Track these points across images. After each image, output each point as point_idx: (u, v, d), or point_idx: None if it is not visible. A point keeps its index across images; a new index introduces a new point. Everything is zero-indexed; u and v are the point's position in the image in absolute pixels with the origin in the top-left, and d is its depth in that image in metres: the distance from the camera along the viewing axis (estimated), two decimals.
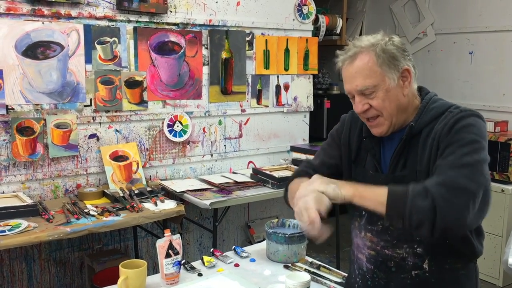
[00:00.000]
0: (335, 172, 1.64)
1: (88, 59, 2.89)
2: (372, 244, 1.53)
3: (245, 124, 3.60)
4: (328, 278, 1.80)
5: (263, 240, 2.11)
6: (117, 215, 2.52)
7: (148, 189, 2.90)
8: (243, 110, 3.56)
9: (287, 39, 3.70)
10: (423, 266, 1.45)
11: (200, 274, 1.82)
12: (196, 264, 1.91)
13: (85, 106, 2.92)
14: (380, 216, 1.42)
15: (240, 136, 3.59)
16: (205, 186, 3.11)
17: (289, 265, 1.91)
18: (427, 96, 1.50)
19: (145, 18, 3.06)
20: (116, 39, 2.97)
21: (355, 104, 1.47)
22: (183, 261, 1.84)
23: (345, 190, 1.37)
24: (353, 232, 1.62)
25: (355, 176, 1.58)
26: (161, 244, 1.70)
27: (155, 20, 3.10)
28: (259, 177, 3.22)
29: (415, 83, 1.49)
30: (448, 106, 1.45)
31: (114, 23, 2.96)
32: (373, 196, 1.33)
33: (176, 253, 1.71)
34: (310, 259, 1.97)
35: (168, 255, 1.70)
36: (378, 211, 1.32)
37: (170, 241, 1.71)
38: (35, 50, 2.71)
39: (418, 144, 1.43)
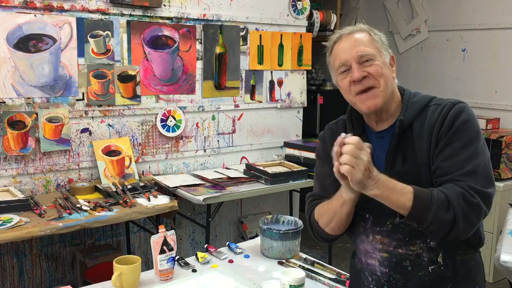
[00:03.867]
0: (338, 186, 1.58)
1: (81, 53, 2.86)
2: (383, 246, 1.47)
3: (238, 119, 3.59)
4: (322, 275, 1.80)
5: (256, 235, 2.11)
6: (109, 210, 2.50)
7: (141, 184, 2.88)
8: (236, 106, 3.55)
9: (281, 35, 3.69)
10: (437, 260, 1.43)
11: (194, 270, 1.81)
12: (190, 260, 1.90)
13: (77, 100, 2.89)
14: (388, 215, 1.42)
15: (234, 131, 3.58)
16: (198, 181, 3.10)
17: (284, 261, 1.91)
18: (406, 91, 1.53)
19: (138, 12, 3.03)
20: (109, 33, 2.94)
21: (353, 71, 1.43)
22: (177, 257, 1.83)
23: (373, 192, 1.32)
24: (358, 239, 1.55)
25: None
26: (156, 240, 1.69)
27: (148, 14, 3.07)
28: (252, 172, 3.21)
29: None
30: (430, 98, 1.49)
31: (107, 17, 2.93)
32: (397, 199, 1.32)
33: (171, 249, 1.71)
34: (304, 255, 1.97)
35: (162, 251, 1.69)
36: (396, 210, 1.34)
37: (165, 237, 1.70)
38: (27, 43, 2.68)
39: (413, 137, 1.44)
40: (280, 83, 3.75)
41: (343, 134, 1.32)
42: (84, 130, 2.94)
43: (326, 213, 1.52)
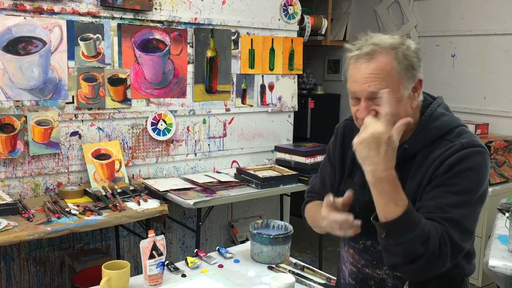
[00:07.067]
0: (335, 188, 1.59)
1: (71, 56, 2.85)
2: (353, 261, 1.51)
3: (229, 123, 3.59)
4: (312, 280, 1.80)
5: (246, 239, 2.11)
6: (99, 214, 2.48)
7: (131, 188, 2.87)
8: (227, 109, 3.55)
9: (273, 39, 3.69)
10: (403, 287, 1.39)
11: (183, 275, 1.80)
12: (180, 265, 1.89)
13: (67, 103, 2.87)
14: (362, 235, 1.37)
15: (224, 135, 3.58)
16: (189, 185, 3.09)
17: (273, 266, 1.91)
18: (428, 110, 1.37)
19: (129, 15, 3.02)
20: (99, 36, 2.93)
21: (360, 109, 1.30)
22: (166, 262, 1.82)
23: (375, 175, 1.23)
24: (340, 242, 1.59)
25: (344, 188, 1.48)
26: (145, 245, 1.68)
27: (139, 17, 3.06)
28: (243, 176, 3.21)
29: (421, 94, 1.37)
30: (451, 128, 1.33)
31: (97, 20, 2.92)
32: (389, 201, 1.22)
33: (160, 254, 1.70)
34: (294, 260, 1.97)
35: (151, 256, 1.68)
36: (380, 210, 1.23)
37: (154, 242, 1.69)
38: (16, 46, 2.66)
39: (410, 170, 1.33)
40: (271, 87, 3.75)
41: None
42: (74, 133, 2.92)
43: (313, 222, 1.58)
